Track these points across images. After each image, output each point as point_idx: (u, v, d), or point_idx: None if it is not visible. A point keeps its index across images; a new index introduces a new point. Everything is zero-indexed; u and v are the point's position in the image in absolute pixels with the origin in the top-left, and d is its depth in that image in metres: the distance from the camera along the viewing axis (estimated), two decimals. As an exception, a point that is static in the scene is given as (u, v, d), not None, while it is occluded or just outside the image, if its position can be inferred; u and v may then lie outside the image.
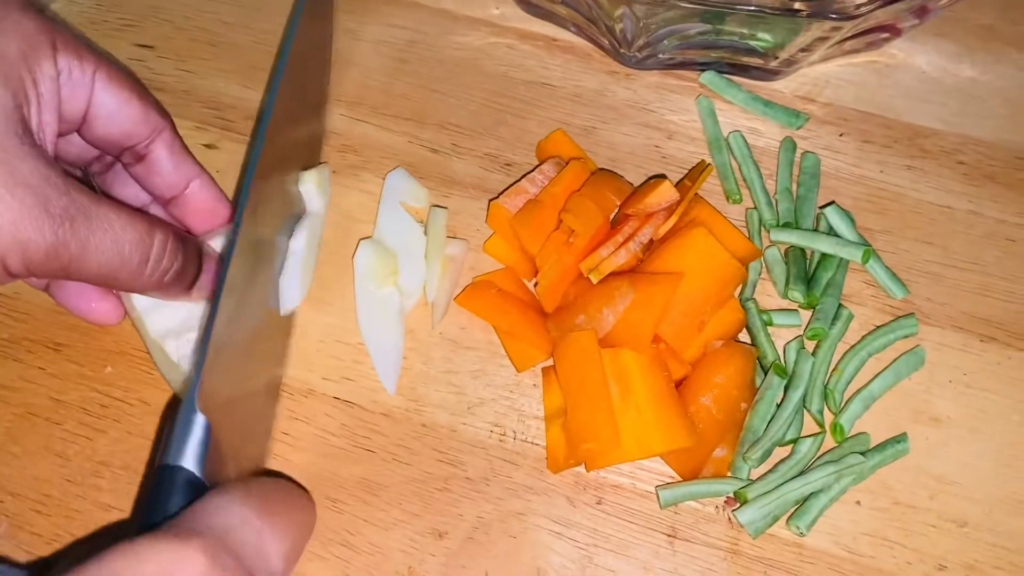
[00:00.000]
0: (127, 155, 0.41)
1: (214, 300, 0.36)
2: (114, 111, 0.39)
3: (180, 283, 0.39)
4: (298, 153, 0.46)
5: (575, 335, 0.41)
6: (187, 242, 0.40)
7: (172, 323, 0.42)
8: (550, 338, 0.43)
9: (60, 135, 0.38)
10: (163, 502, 0.32)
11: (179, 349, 0.42)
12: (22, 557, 0.40)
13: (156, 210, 0.44)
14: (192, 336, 0.42)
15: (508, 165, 0.50)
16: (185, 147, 0.43)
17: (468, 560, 0.40)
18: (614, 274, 0.43)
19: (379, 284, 0.45)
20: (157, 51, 0.53)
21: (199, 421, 0.33)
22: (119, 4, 0.54)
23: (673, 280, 0.42)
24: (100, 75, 0.38)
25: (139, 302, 0.42)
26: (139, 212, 0.38)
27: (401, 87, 0.52)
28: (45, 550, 0.40)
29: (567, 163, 0.47)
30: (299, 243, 0.44)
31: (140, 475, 0.42)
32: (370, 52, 0.53)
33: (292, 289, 0.44)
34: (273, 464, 0.42)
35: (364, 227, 0.47)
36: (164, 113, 0.41)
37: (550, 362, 0.44)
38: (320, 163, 0.49)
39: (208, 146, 0.50)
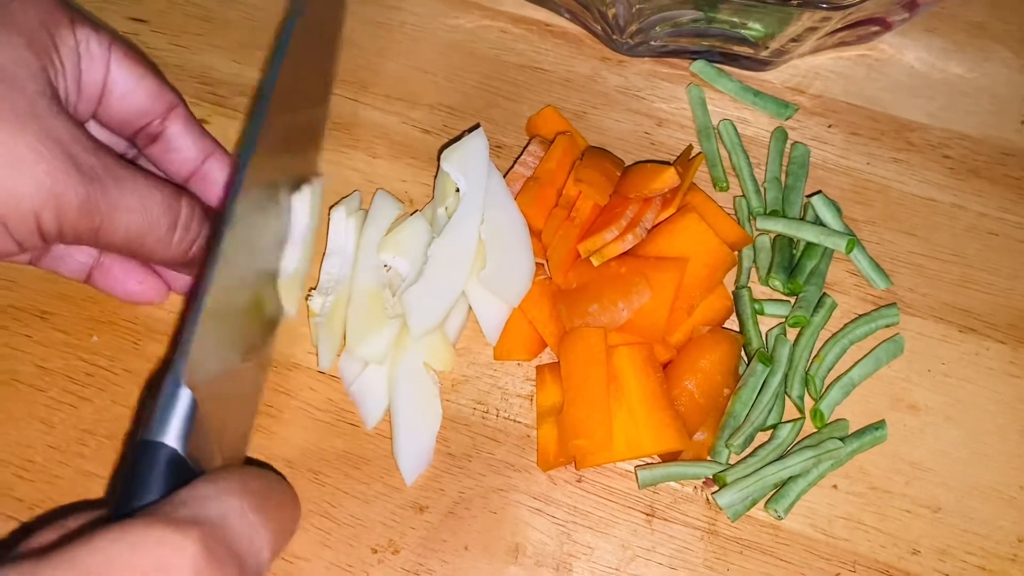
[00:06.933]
0: (141, 136, 0.41)
1: (206, 269, 0.35)
2: (130, 88, 0.39)
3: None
4: (299, 136, 0.46)
5: (585, 331, 0.41)
6: (209, 214, 0.40)
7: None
8: (560, 323, 0.43)
9: (81, 119, 0.38)
10: (143, 480, 0.30)
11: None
12: (4, 523, 0.40)
13: None
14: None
15: (499, 147, 0.50)
16: (198, 123, 0.43)
17: (449, 534, 0.40)
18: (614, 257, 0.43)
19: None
20: (151, 25, 0.53)
21: (184, 396, 0.31)
22: (114, -23, 0.54)
23: (680, 265, 0.42)
24: (115, 51, 0.38)
25: None
26: (164, 180, 0.38)
27: (394, 68, 0.52)
28: (27, 515, 0.40)
29: (552, 141, 0.47)
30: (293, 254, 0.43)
31: (125, 444, 0.42)
32: (363, 32, 0.53)
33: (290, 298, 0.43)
34: (257, 437, 0.42)
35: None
36: (175, 90, 0.41)
37: (542, 360, 0.44)
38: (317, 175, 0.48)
39: (201, 120, 0.50)
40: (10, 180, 0.32)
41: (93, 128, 0.41)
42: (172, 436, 0.31)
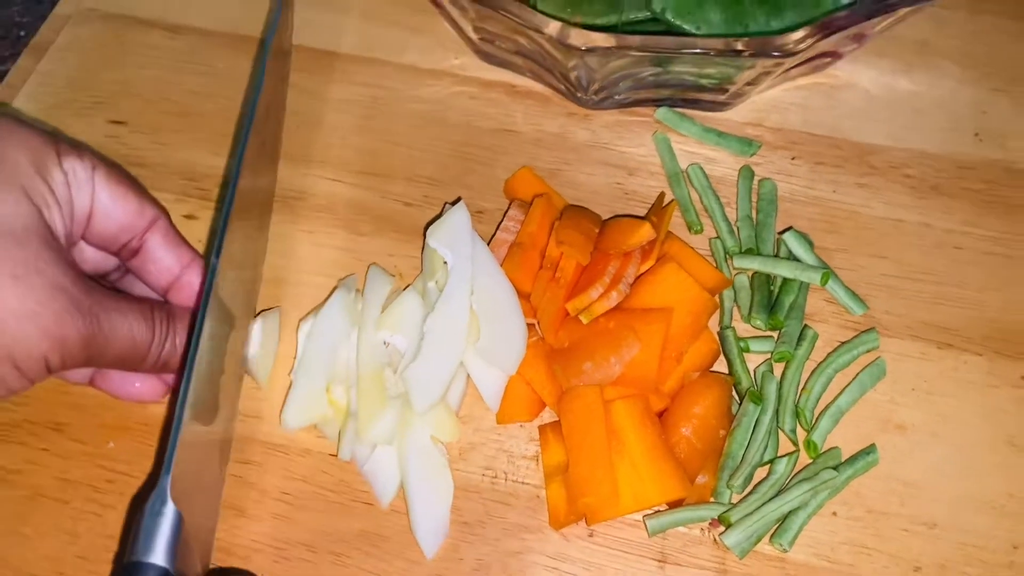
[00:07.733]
0: (124, 251, 0.43)
1: (182, 381, 0.36)
2: (111, 207, 0.40)
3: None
4: (257, 212, 0.49)
5: (582, 390, 0.43)
6: (183, 321, 0.42)
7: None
8: (557, 382, 0.45)
9: (73, 241, 0.40)
10: None
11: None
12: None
13: None
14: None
15: (480, 212, 0.52)
16: (179, 236, 0.44)
17: (471, 601, 0.42)
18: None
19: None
20: (130, 126, 0.55)
21: (170, 512, 0.33)
22: (89, 83, 0.56)
23: (665, 316, 0.44)
24: (99, 173, 0.40)
25: None
26: (143, 300, 0.41)
27: (368, 143, 0.54)
28: (64, 627, 0.42)
29: (531, 203, 0.49)
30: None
31: (114, 563, 0.43)
32: (333, 111, 0.55)
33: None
34: (276, 524, 0.43)
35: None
36: (158, 205, 0.43)
37: (543, 419, 0.46)
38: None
39: (188, 216, 0.52)
40: (24, 333, 0.35)
41: (85, 249, 0.43)
42: (160, 554, 0.32)
